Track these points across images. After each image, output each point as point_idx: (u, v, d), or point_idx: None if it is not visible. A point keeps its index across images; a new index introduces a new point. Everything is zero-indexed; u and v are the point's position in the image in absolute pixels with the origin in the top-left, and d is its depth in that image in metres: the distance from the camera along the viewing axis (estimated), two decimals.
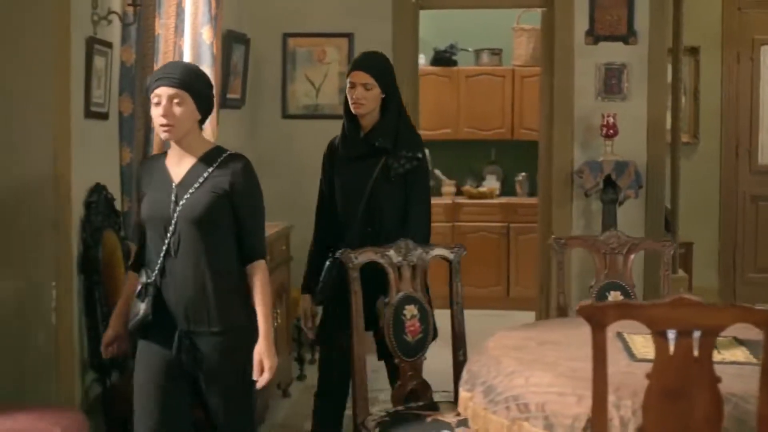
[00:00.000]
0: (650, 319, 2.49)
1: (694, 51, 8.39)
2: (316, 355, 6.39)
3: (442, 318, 3.87)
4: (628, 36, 6.68)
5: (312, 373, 6.25)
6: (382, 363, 3.93)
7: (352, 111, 3.94)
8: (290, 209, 6.67)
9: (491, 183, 9.20)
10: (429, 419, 3.47)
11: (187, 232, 3.20)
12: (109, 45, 4.36)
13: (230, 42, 6.22)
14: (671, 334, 2.51)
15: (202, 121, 3.33)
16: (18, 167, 3.90)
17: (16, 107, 3.91)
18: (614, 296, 4.00)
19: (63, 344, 3.95)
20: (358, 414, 3.60)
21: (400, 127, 3.96)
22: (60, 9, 3.94)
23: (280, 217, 6.34)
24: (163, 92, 3.20)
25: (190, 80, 3.24)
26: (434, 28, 8.73)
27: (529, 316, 7.26)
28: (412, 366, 3.70)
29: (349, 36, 6.84)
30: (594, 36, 6.70)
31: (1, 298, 3.88)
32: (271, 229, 5.46)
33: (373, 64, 3.96)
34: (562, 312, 4.07)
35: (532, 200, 8.91)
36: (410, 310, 3.69)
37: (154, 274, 3.23)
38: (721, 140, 8.63)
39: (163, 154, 3.40)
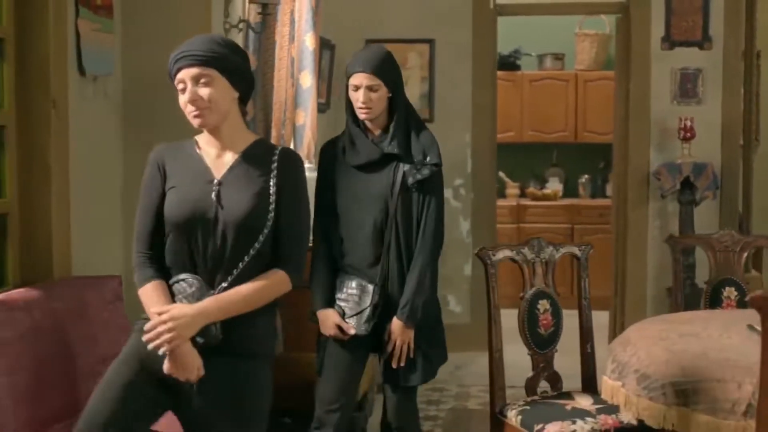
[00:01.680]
0: None
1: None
2: None
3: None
4: (703, 41, 6.86)
5: None
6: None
7: (359, 116, 3.55)
8: None
9: (554, 185, 9.39)
10: (568, 407, 3.63)
11: (229, 239, 2.75)
12: None
13: (319, 48, 6.41)
14: None
15: (243, 102, 2.90)
16: None
17: (163, 112, 4.11)
18: (729, 292, 4.18)
19: None
20: (495, 403, 3.76)
21: (412, 128, 3.59)
22: (203, 21, 4.15)
23: None
24: (185, 75, 2.75)
25: (215, 54, 2.76)
26: (498, 33, 8.89)
27: (600, 315, 7.39)
28: (544, 358, 3.87)
29: (430, 42, 7.03)
30: (670, 41, 6.87)
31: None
32: None
33: (378, 63, 3.52)
34: (679, 307, 4.23)
35: (596, 202, 9.13)
36: (543, 305, 3.87)
37: (193, 288, 2.74)
38: None
39: (190, 141, 2.92)
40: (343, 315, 3.56)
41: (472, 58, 7.06)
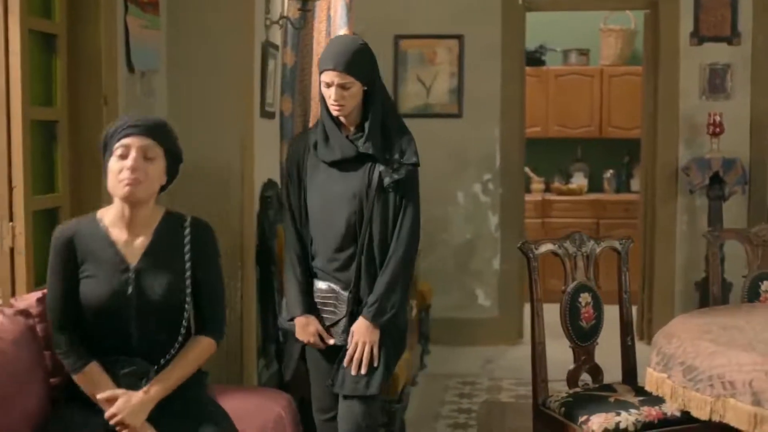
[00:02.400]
0: None
1: None
2: (429, 346, 6.65)
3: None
4: (732, 37, 6.88)
5: (430, 361, 6.51)
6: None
7: (332, 113, 3.38)
8: None
9: (579, 180, 9.42)
10: (611, 399, 3.66)
11: (153, 322, 2.79)
12: (277, 48, 4.62)
13: None
14: None
15: (160, 190, 2.86)
16: (209, 163, 4.16)
17: (206, 108, 4.18)
18: (766, 286, 4.20)
19: (247, 330, 4.21)
20: (538, 395, 3.80)
21: (388, 124, 3.41)
22: (246, 17, 4.20)
23: None
24: (134, 142, 2.72)
25: (167, 135, 2.82)
26: None
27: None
28: (585, 350, 3.91)
29: (459, 38, 7.07)
30: (698, 37, 6.90)
31: None
32: None
33: (350, 60, 3.30)
34: (717, 301, 4.26)
35: (621, 197, 9.16)
36: (585, 298, 3.91)
37: (130, 368, 2.78)
38: None
39: (93, 220, 2.84)
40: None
41: (501, 54, 7.09)
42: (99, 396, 2.72)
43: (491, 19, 7.07)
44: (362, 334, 3.34)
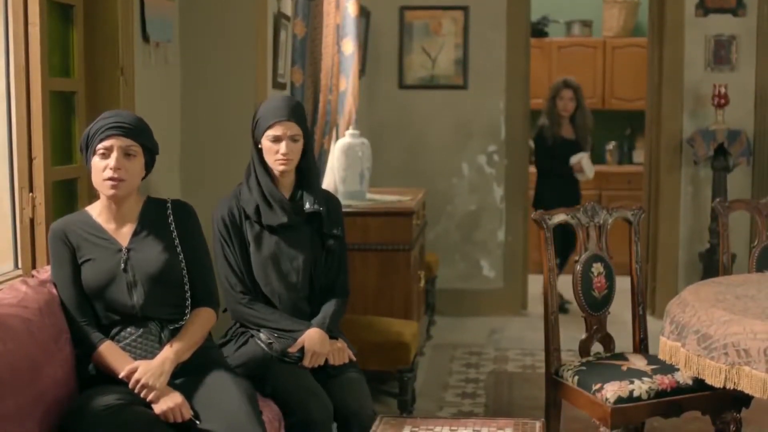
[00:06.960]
0: None
1: None
2: (435, 317, 6.70)
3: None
4: (737, 8, 6.89)
5: (436, 332, 6.55)
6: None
7: (276, 170, 3.41)
8: (405, 176, 6.96)
9: None
10: (624, 368, 3.70)
11: (148, 297, 2.93)
12: (288, 18, 4.62)
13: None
14: None
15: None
16: (222, 134, 4.18)
17: (218, 78, 4.19)
18: None
19: None
20: (551, 363, 3.84)
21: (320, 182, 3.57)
22: None
23: (395, 184, 6.62)
24: (116, 142, 2.87)
25: (144, 131, 2.97)
26: None
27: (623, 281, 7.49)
28: (597, 320, 3.95)
29: (464, 9, 7.07)
30: (704, 8, 6.90)
31: None
32: (415, 194, 5.73)
33: (299, 112, 3.41)
34: (726, 271, 4.30)
35: (623, 168, 9.19)
36: (597, 268, 3.94)
37: (134, 336, 2.95)
38: None
39: (83, 214, 3.04)
40: None
41: (506, 25, 7.09)
42: (120, 375, 2.83)
43: None
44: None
